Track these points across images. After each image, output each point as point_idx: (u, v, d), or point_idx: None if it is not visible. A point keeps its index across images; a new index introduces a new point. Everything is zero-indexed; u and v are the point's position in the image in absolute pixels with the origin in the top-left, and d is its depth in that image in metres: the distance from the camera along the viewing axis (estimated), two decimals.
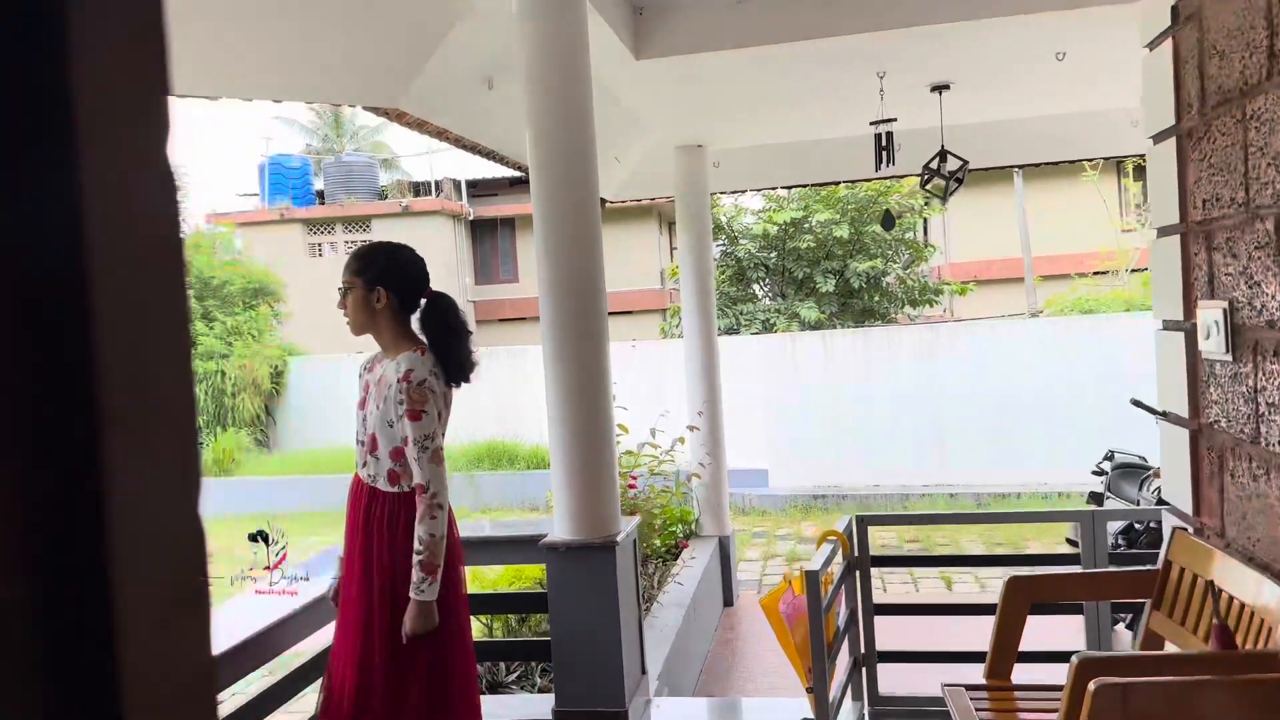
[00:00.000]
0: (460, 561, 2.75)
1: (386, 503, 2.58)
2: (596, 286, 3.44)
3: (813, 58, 4.49)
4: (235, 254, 17.37)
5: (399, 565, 2.55)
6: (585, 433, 3.42)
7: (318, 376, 15.03)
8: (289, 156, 23.92)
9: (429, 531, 2.50)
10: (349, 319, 2.65)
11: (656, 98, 5.19)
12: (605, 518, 3.46)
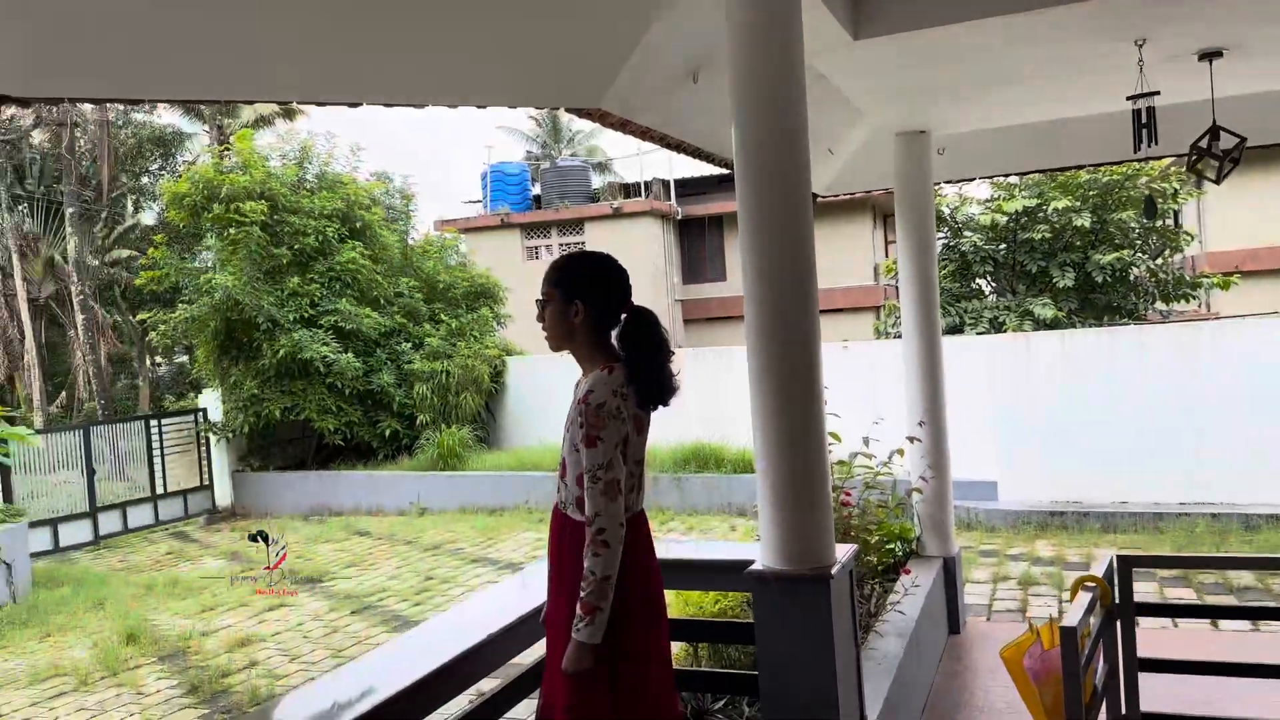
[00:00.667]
0: (656, 582, 2.54)
1: (576, 532, 2.39)
2: (807, 288, 3.12)
3: (1059, 27, 3.95)
4: (460, 259, 18.15)
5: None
6: (795, 449, 3.10)
7: (534, 376, 15.43)
8: (509, 164, 24.87)
9: (591, 569, 2.29)
10: (547, 332, 2.49)
11: (876, 82, 4.78)
12: (818, 546, 3.13)
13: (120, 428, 15.23)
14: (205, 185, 14.37)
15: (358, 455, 15.18)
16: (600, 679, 2.31)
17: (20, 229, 24.23)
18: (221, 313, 14.15)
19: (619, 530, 2.30)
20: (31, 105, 3.58)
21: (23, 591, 9.99)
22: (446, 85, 3.65)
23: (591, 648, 2.27)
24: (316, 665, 7.24)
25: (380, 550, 11.40)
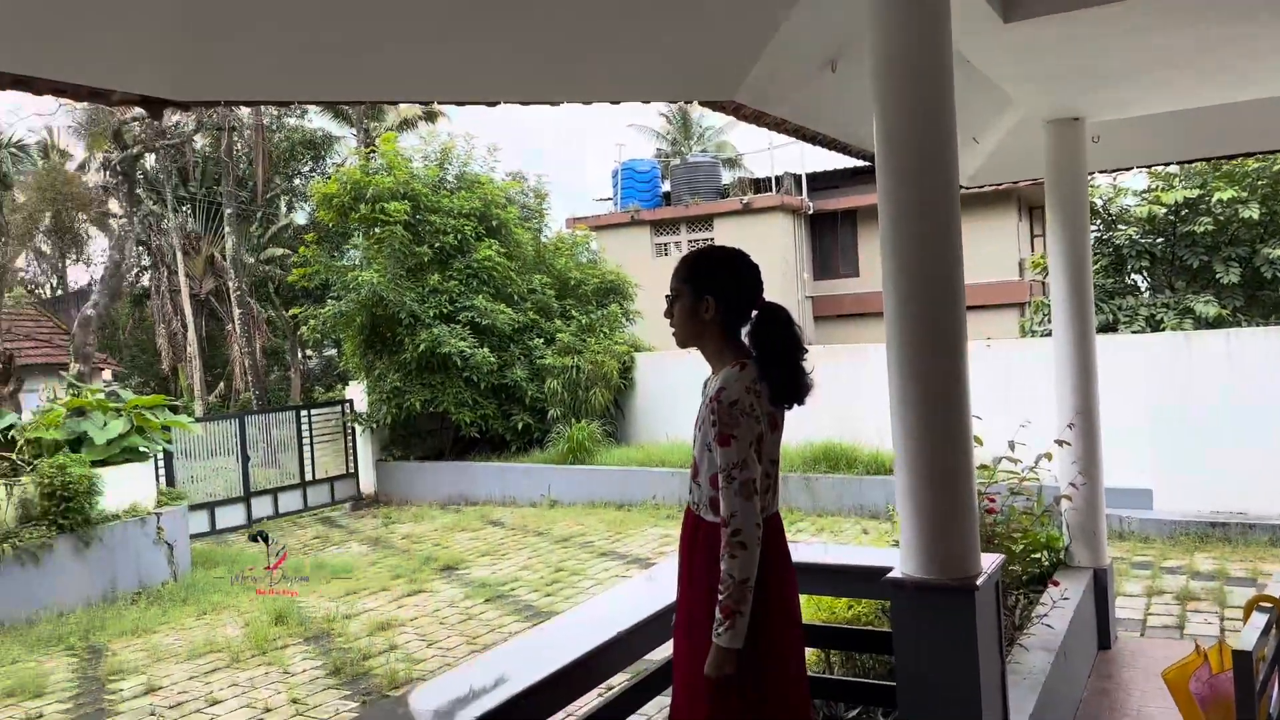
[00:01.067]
0: (792, 586, 2.47)
1: (710, 532, 2.34)
2: (954, 284, 2.98)
3: (1231, 4, 3.65)
4: (591, 256, 18.36)
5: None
6: (939, 451, 2.97)
7: (661, 372, 15.46)
8: (640, 161, 25.01)
9: (729, 572, 2.24)
10: (675, 328, 2.45)
11: (1026, 66, 4.54)
12: (962, 554, 2.99)
13: (273, 417, 16.07)
14: (352, 186, 14.99)
15: (492, 447, 15.56)
16: (739, 684, 2.26)
17: (184, 229, 25.89)
18: (367, 308, 14.74)
19: (756, 531, 2.24)
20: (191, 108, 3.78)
21: (183, 570, 10.66)
22: (581, 82, 3.66)
23: (733, 652, 2.22)
24: (452, 652, 7.44)
25: (513, 540, 11.64)
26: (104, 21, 2.80)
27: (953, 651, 2.94)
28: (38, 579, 9.22)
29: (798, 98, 4.23)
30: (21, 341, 18.35)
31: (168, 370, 25.59)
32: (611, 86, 3.66)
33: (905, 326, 2.96)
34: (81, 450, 10.22)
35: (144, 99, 3.08)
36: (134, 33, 2.87)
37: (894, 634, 3.06)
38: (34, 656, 7.94)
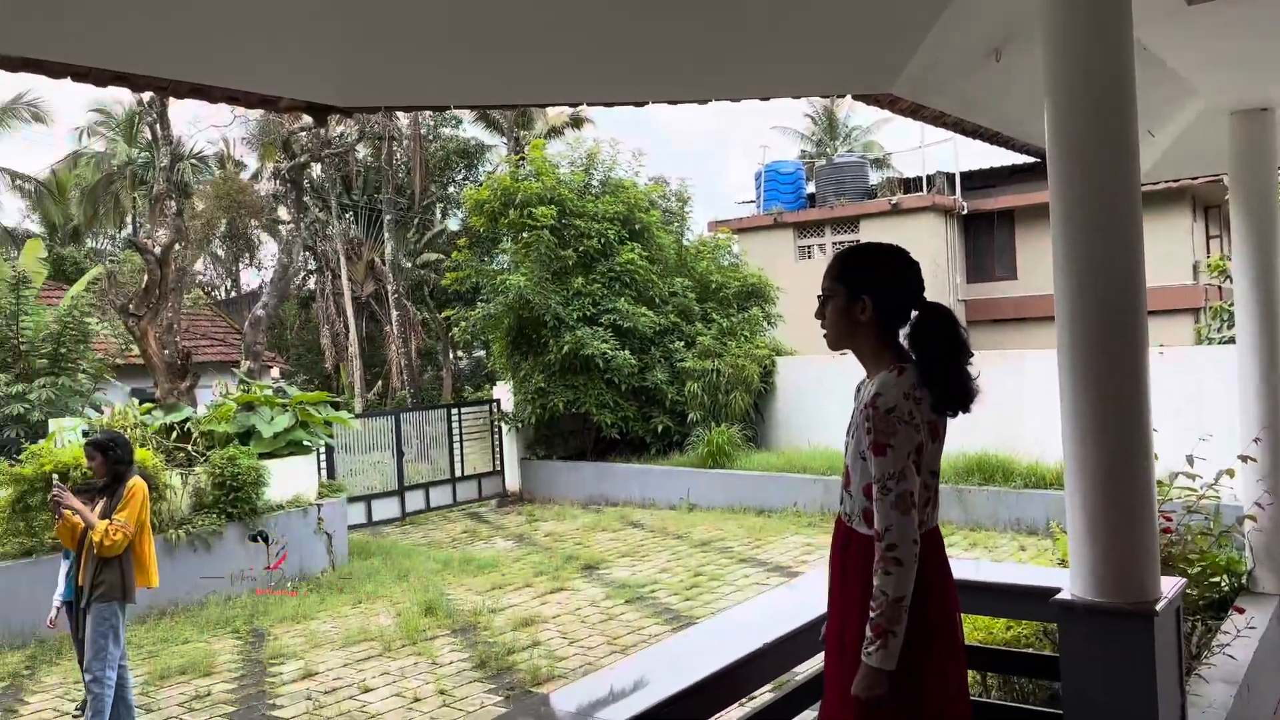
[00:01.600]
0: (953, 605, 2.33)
1: (863, 545, 2.23)
2: (1133, 287, 2.76)
3: None
4: (733, 259, 18.25)
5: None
6: (1115, 465, 2.75)
7: (803, 377, 15.20)
8: (784, 163, 24.71)
9: (882, 589, 2.11)
10: (827, 330, 2.34)
11: (1211, 53, 4.19)
12: (1139, 576, 2.76)
13: (425, 415, 16.68)
14: (502, 192, 15.41)
15: (632, 449, 15.67)
16: (891, 705, 2.14)
17: (347, 234, 27.24)
18: (514, 311, 15.11)
19: (912, 547, 2.11)
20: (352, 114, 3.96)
21: (340, 560, 11.16)
22: (731, 79, 3.60)
23: (884, 673, 2.10)
24: (592, 651, 7.50)
25: (652, 542, 11.67)
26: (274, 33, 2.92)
27: (1128, 681, 2.72)
28: (209, 564, 9.83)
29: (958, 89, 4.04)
30: (199, 340, 19.70)
31: (330, 368, 26.99)
32: (763, 82, 3.58)
33: (1079, 330, 2.76)
34: (250, 443, 10.85)
35: (310, 105, 3.21)
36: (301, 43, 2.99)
37: (1061, 659, 2.86)
38: (203, 637, 8.46)
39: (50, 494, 5.68)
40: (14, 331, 13.52)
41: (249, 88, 3.09)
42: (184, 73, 2.97)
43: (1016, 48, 3.67)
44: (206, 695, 6.95)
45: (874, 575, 2.12)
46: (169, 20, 2.70)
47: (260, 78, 3.09)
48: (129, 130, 29.85)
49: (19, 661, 7.90)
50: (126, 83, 2.92)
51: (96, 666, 5.51)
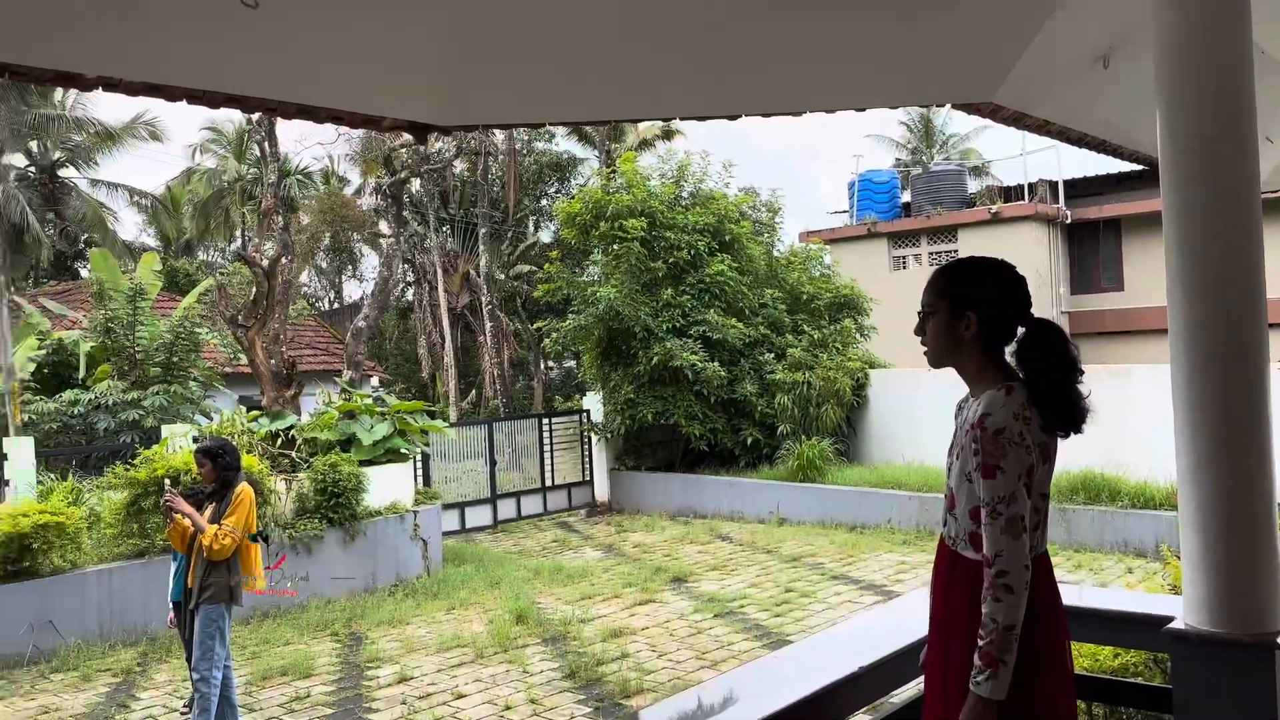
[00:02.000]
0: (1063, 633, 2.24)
1: (968, 570, 2.16)
2: (1253, 298, 2.61)
3: None
4: (824, 269, 18.04)
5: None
6: (1233, 486, 2.60)
7: (897, 391, 14.91)
8: (878, 171, 24.34)
9: (992, 616, 2.03)
10: (928, 347, 2.28)
11: None
12: (1260, 606, 2.61)
13: (517, 424, 16.92)
14: (594, 205, 15.56)
15: (720, 461, 15.59)
16: None
17: (444, 247, 27.88)
18: (604, 322, 15.22)
19: (1023, 573, 2.04)
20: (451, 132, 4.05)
21: (435, 566, 11.39)
22: (824, 90, 3.55)
23: (994, 704, 2.03)
24: (681, 665, 7.47)
25: (741, 556, 11.58)
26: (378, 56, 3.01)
27: (1247, 717, 2.58)
28: (310, 568, 10.15)
29: (1063, 97, 3.91)
30: (303, 350, 20.39)
31: (427, 378, 27.63)
32: (858, 92, 3.53)
33: (1195, 345, 2.63)
34: (351, 450, 11.17)
35: (411, 124, 3.29)
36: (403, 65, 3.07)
37: (1174, 692, 2.72)
38: (304, 639, 8.72)
39: (162, 498, 5.94)
40: (130, 341, 14.22)
41: (353, 108, 3.19)
42: (292, 94, 3.09)
43: (1126, 53, 3.54)
44: (306, 696, 7.16)
45: (983, 602, 2.05)
46: (279, 45, 2.80)
47: (364, 99, 3.18)
48: (239, 148, 31.19)
49: (131, 658, 8.27)
50: (238, 104, 3.05)
51: (203, 666, 5.73)
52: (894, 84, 3.65)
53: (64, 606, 8.51)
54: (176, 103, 2.98)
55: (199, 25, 2.70)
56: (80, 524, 8.92)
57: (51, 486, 10.20)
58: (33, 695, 7.39)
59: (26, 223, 26.00)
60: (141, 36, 2.69)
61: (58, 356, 14.54)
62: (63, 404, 12.99)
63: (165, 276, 20.64)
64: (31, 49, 2.54)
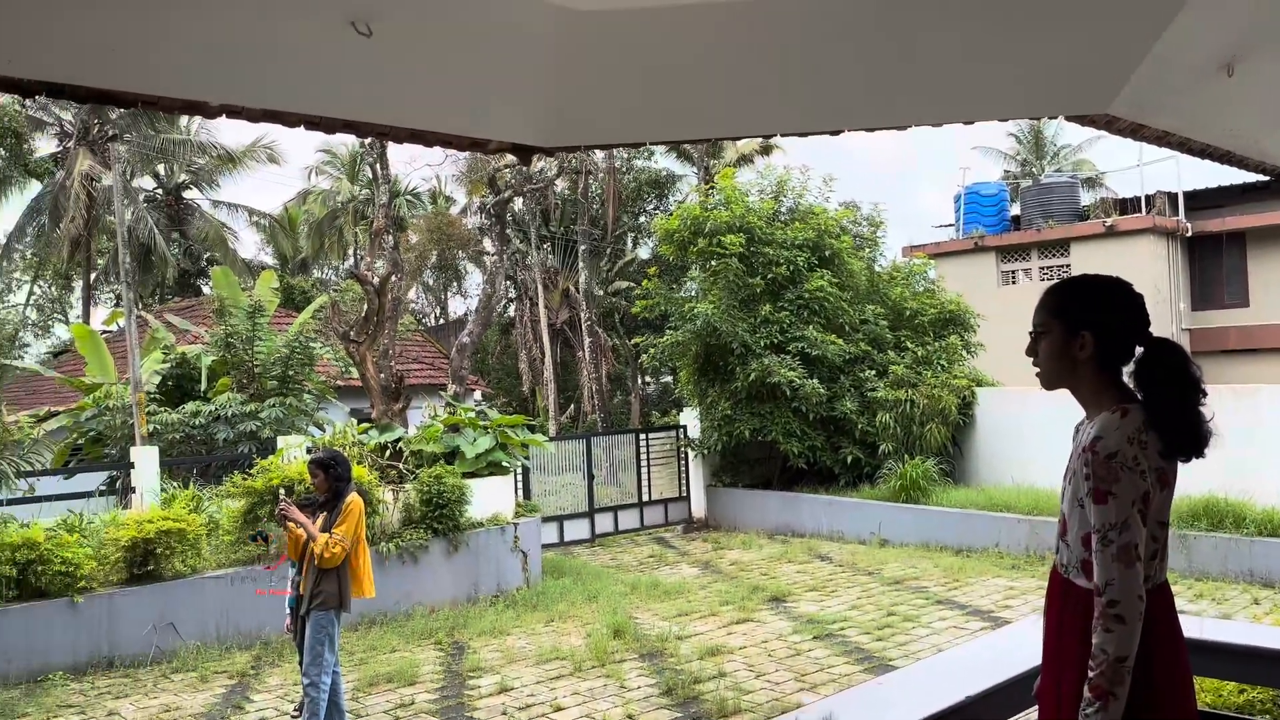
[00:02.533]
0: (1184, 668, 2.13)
1: (1080, 599, 2.08)
2: None
3: None
4: (929, 285, 17.64)
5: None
6: None
7: (1006, 410, 14.46)
8: (985, 184, 23.74)
9: (1102, 647, 1.95)
10: (1040, 368, 2.21)
11: None
12: None
13: (615, 438, 17.03)
14: (692, 221, 15.60)
15: (819, 479, 15.37)
16: None
17: (544, 264, 28.35)
18: (701, 338, 15.21)
19: (1137, 604, 1.95)
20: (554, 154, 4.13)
21: (534, 578, 11.53)
22: (929, 104, 3.49)
23: None
24: (780, 686, 7.37)
25: (841, 577, 11.37)
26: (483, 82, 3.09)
27: None
28: (414, 576, 10.40)
29: (1183, 107, 3.75)
30: (410, 364, 20.97)
31: (527, 392, 28.08)
32: (965, 105, 3.45)
33: None
34: (454, 463, 11.42)
35: (515, 146, 3.37)
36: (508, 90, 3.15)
37: None
38: (409, 647, 8.93)
39: (277, 507, 6.18)
40: (249, 355, 14.86)
41: (461, 132, 3.29)
42: (403, 119, 3.20)
43: (1252, 60, 3.38)
44: (410, 704, 7.32)
45: (1094, 632, 1.97)
46: (391, 73, 2.91)
47: (471, 123, 3.28)
48: (352, 169, 32.38)
49: (246, 662, 8.61)
50: (352, 129, 3.18)
51: (313, 671, 5.92)
52: (1003, 96, 3.57)
53: (184, 609, 8.92)
54: (294, 128, 3.12)
55: (316, 54, 2.83)
56: (200, 530, 9.34)
57: (174, 494, 10.72)
58: (154, 694, 7.76)
59: (154, 242, 27.52)
60: (261, 66, 2.83)
61: (181, 370, 15.28)
62: (185, 415, 13.64)
63: (282, 293, 21.51)
64: (160, 80, 2.70)
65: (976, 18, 3.01)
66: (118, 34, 2.46)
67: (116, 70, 2.58)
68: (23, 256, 30.80)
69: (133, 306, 14.48)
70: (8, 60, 2.37)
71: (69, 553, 8.34)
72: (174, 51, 2.65)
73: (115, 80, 2.60)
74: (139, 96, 2.70)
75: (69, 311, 34.20)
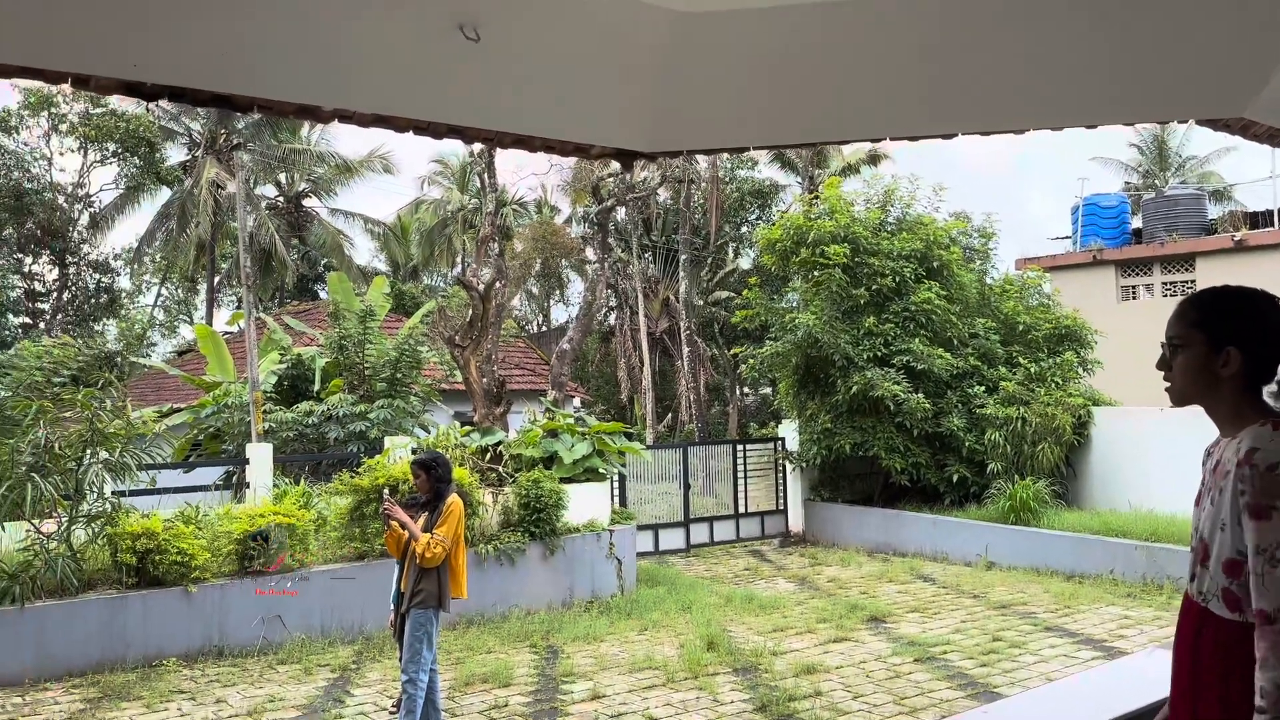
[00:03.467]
0: None
1: (1220, 632, 1.91)
2: None
3: None
4: (1043, 299, 17.00)
5: (1231, 718, 1.87)
6: None
7: (1125, 430, 13.81)
8: (1105, 195, 22.80)
9: (1273, 681, 1.77)
10: (1173, 383, 2.05)
11: None
12: None
13: (711, 449, 16.95)
14: (795, 231, 15.40)
15: (923, 498, 14.95)
16: None
17: (645, 274, 28.46)
18: (802, 349, 14.99)
19: None
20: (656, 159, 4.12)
21: (629, 586, 11.52)
22: (1051, 107, 3.33)
23: None
24: (878, 710, 7.16)
25: (944, 599, 11.02)
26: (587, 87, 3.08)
27: None
28: (511, 579, 10.51)
29: None
30: (512, 370, 21.30)
31: (625, 400, 28.21)
32: (1088, 108, 3.28)
33: None
34: (552, 468, 11.52)
35: (619, 152, 3.35)
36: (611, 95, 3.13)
37: None
38: (504, 649, 9.02)
39: (381, 506, 6.31)
40: (360, 357, 15.32)
41: (564, 137, 3.29)
42: (509, 125, 3.22)
43: None
44: (504, 706, 7.39)
45: (1262, 667, 1.78)
46: (497, 78, 2.92)
47: (575, 128, 3.27)
48: (462, 179, 33.18)
49: (348, 656, 8.83)
50: (459, 135, 3.21)
51: (411, 668, 6.02)
52: (1130, 98, 3.38)
53: (291, 602, 9.21)
54: (403, 133, 3.17)
55: (424, 59, 2.86)
56: (308, 526, 9.64)
57: (285, 490, 11.11)
58: (260, 684, 8.02)
59: (274, 247, 28.72)
60: (372, 71, 2.88)
61: (296, 370, 15.87)
62: (299, 414, 14.14)
63: (393, 299, 22.14)
64: (275, 85, 2.78)
65: (1104, 15, 2.85)
66: (234, 40, 2.53)
67: (234, 75, 2.67)
68: (152, 260, 32.55)
69: (252, 309, 15.09)
70: (132, 66, 2.47)
71: (185, 543, 8.71)
72: (288, 56, 2.72)
73: (232, 85, 2.68)
74: (255, 100, 2.78)
75: (194, 313, 35.98)
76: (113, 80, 2.56)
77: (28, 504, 7.96)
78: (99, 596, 8.37)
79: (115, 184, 29.38)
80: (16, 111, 26.67)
